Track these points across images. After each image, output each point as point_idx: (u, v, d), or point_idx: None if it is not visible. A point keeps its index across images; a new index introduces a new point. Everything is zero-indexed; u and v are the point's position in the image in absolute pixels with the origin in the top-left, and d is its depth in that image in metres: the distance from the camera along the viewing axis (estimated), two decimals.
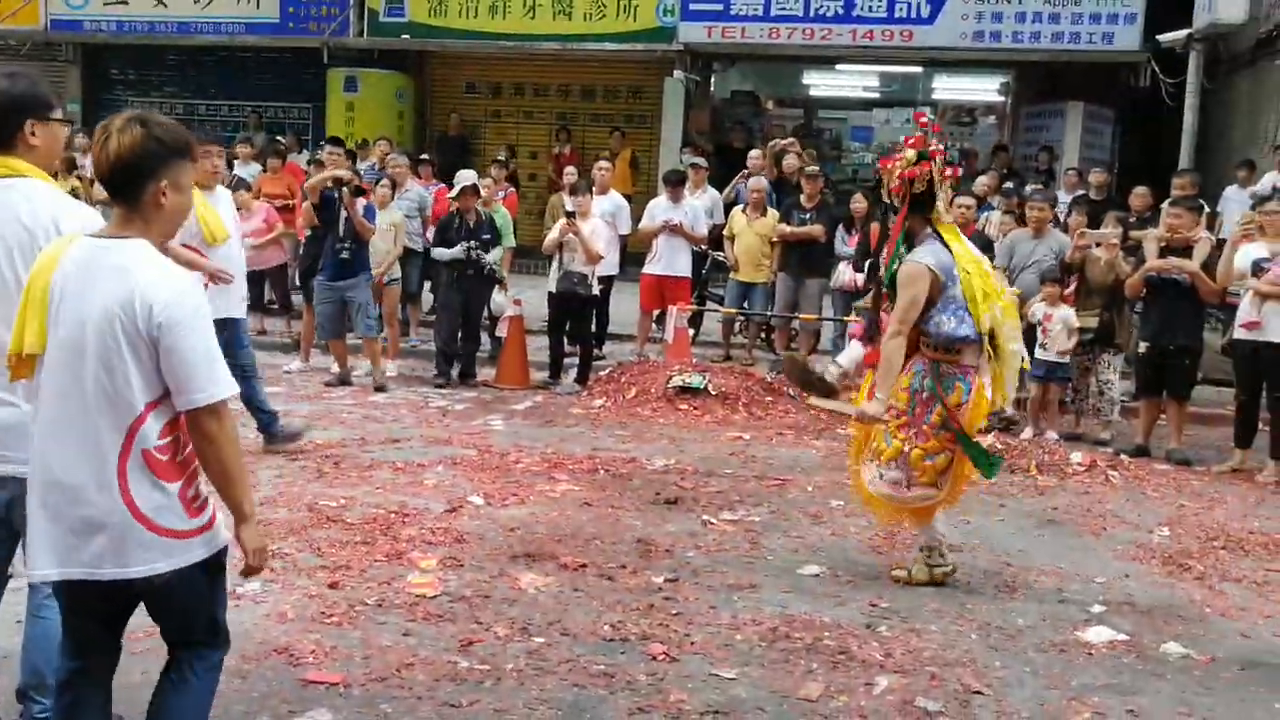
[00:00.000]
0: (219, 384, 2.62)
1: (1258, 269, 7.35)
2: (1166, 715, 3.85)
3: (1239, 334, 7.52)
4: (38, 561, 2.65)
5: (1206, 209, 9.04)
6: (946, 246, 4.83)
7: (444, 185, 12.39)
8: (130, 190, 2.64)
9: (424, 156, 12.76)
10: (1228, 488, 7.16)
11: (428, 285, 11.15)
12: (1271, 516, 6.51)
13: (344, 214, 8.86)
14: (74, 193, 11.94)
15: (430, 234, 10.95)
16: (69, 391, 2.60)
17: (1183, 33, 13.30)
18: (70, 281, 2.61)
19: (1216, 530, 6.13)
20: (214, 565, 2.76)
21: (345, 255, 8.95)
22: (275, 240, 10.56)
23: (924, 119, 5.09)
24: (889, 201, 4.95)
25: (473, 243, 9.37)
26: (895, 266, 4.91)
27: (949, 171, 4.93)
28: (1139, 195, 10.24)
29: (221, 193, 6.94)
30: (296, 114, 17.45)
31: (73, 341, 2.59)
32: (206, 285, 6.06)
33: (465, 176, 9.75)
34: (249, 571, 2.81)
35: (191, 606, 2.77)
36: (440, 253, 9.53)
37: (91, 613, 2.75)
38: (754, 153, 12.39)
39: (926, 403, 4.87)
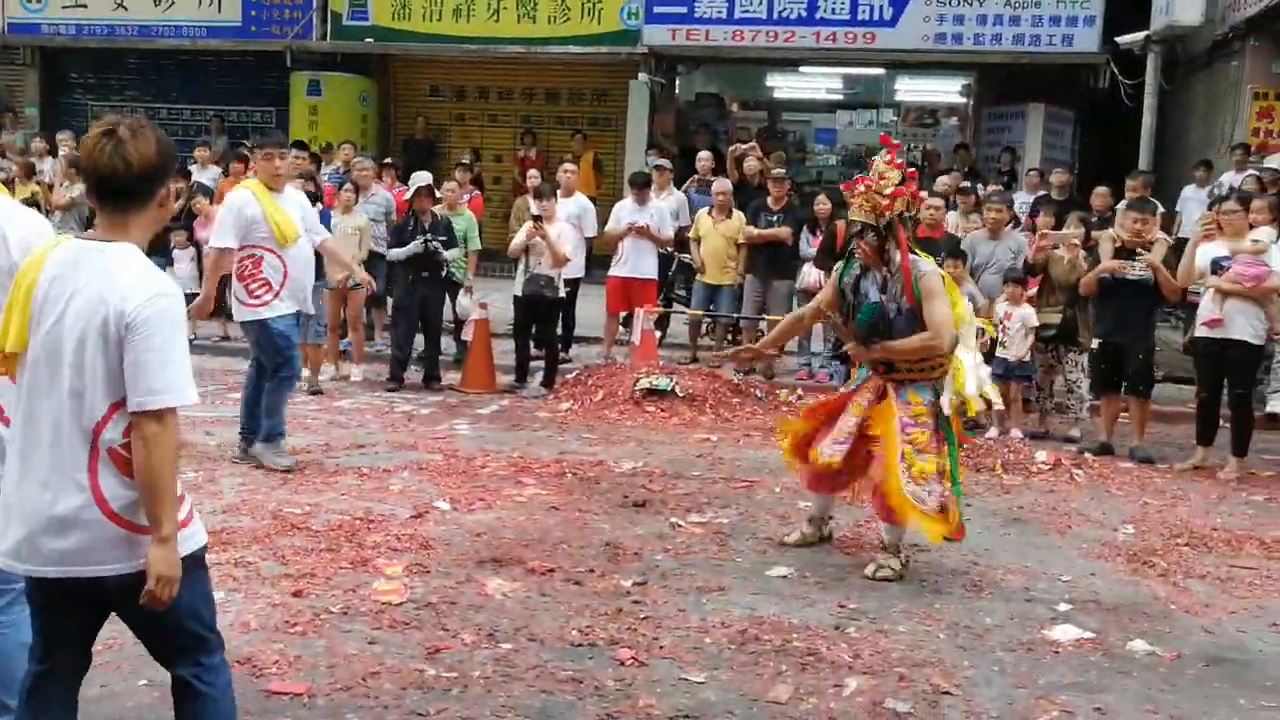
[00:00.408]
0: (173, 391, 2.57)
1: (1217, 267, 7.42)
2: (1132, 713, 3.87)
3: (1201, 331, 7.59)
4: (11, 558, 2.63)
5: (1161, 209, 9.15)
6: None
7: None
8: (139, 196, 2.65)
9: (388, 160, 12.68)
10: (1190, 485, 7.23)
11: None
12: (1233, 513, 6.58)
13: None
14: (33, 199, 11.81)
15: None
16: (44, 390, 2.60)
17: (1141, 35, 13.47)
18: (56, 284, 2.61)
19: (1180, 527, 6.18)
20: (192, 563, 2.69)
21: None
22: None
23: (894, 144, 5.20)
24: (869, 224, 5.01)
25: (429, 236, 9.28)
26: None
27: (918, 196, 5.23)
28: (1099, 195, 10.43)
29: (290, 193, 7.00)
30: (259, 118, 17.30)
31: (53, 342, 2.59)
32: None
33: (420, 177, 9.69)
34: (147, 598, 2.58)
35: (169, 608, 2.67)
36: (395, 253, 9.45)
37: (64, 613, 2.71)
38: (703, 154, 12.43)
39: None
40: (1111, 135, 15.29)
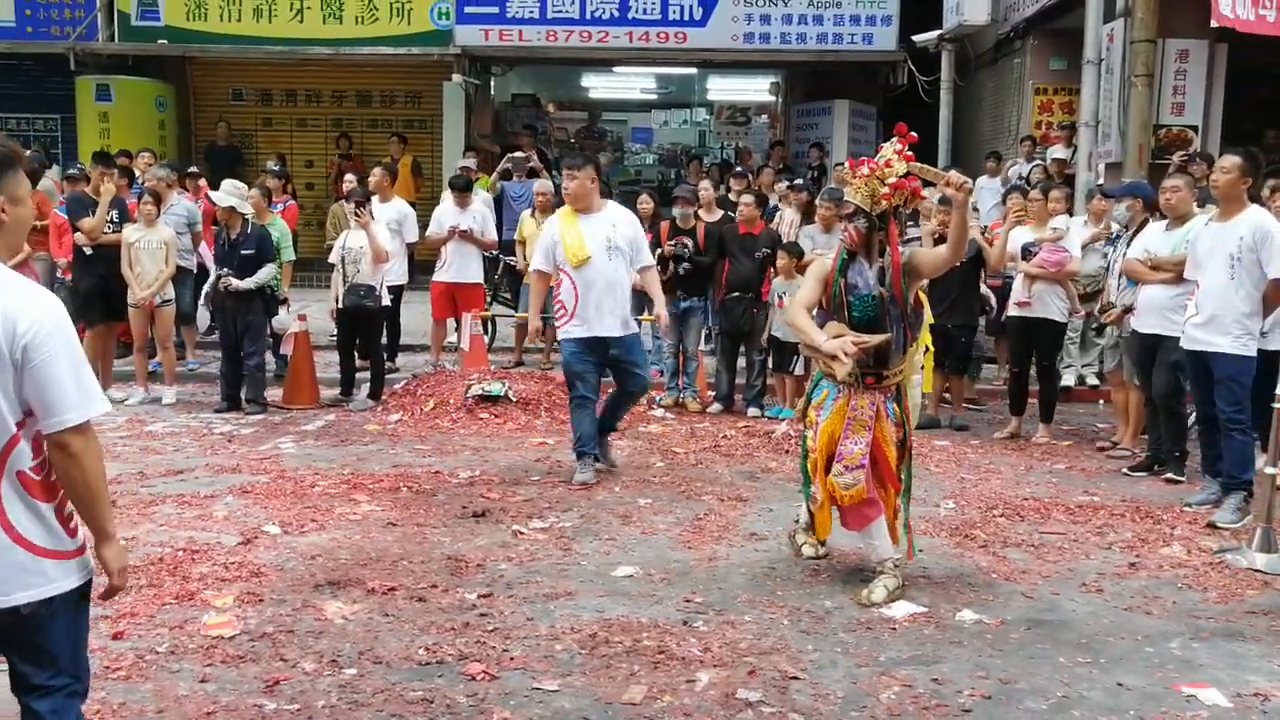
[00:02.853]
0: (91, 401, 2.55)
1: (1027, 253, 8.02)
2: (966, 680, 4.05)
3: (1012, 311, 8.25)
4: None
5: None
6: None
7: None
8: None
9: (192, 169, 12.11)
10: (1001, 458, 7.65)
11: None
12: (1040, 483, 7.00)
13: None
14: None
15: (202, 250, 10.43)
16: None
17: (934, 34, 14.19)
18: None
19: (995, 499, 6.54)
20: (84, 594, 2.69)
21: None
22: (24, 262, 9.75)
23: (910, 136, 4.90)
24: (863, 209, 4.83)
25: (224, 270, 8.87)
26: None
27: (919, 192, 4.92)
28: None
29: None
30: (43, 125, 16.24)
31: None
32: None
33: (223, 199, 9.24)
34: (111, 592, 2.76)
35: (64, 638, 2.67)
36: (208, 287, 9.12)
37: None
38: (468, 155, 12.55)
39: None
40: (911, 129, 16.00)
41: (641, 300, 9.90)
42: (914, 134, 4.91)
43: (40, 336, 2.47)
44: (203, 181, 11.76)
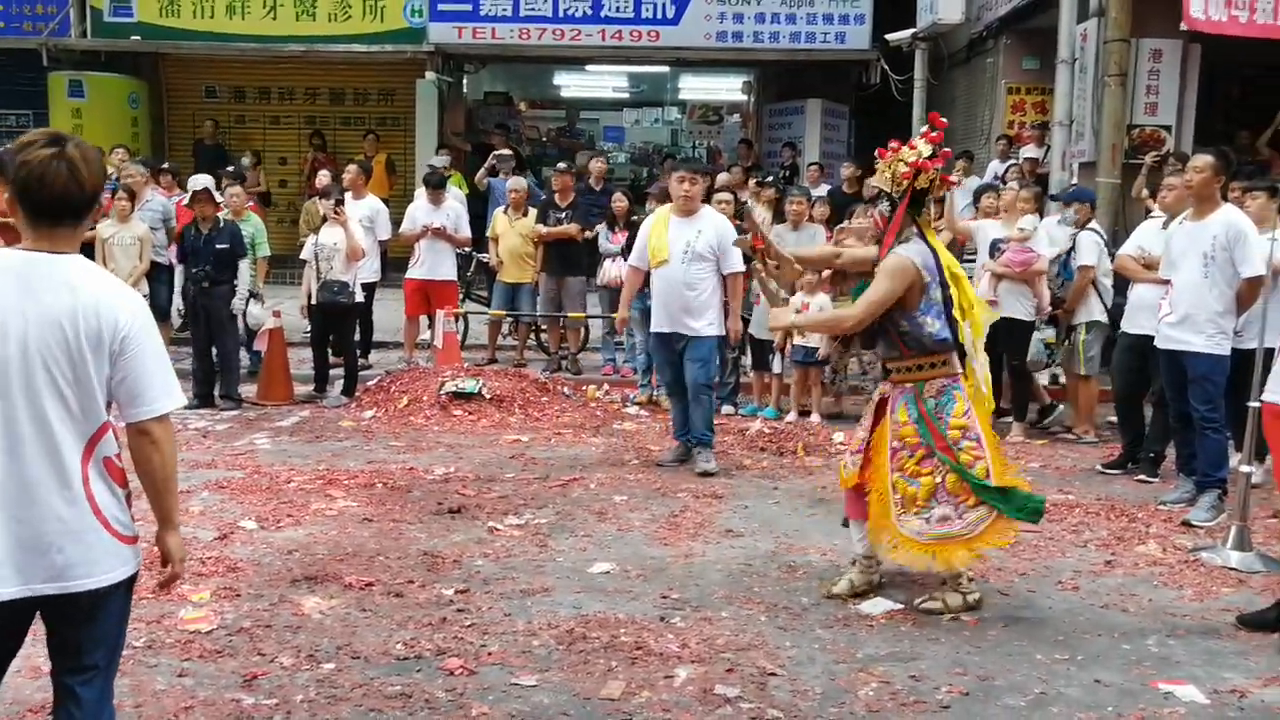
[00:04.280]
0: (174, 393, 2.69)
1: (995, 250, 8.00)
2: (944, 676, 4.07)
3: None
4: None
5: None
6: (933, 250, 4.64)
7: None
8: (85, 212, 2.64)
9: (165, 165, 12.00)
10: None
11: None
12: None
13: None
14: None
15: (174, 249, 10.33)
16: (15, 407, 2.54)
17: (907, 33, 14.24)
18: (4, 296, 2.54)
19: None
20: (133, 580, 2.76)
21: None
22: None
23: (941, 122, 4.77)
24: (886, 191, 4.66)
25: (206, 268, 8.80)
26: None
27: (946, 179, 4.76)
28: (872, 187, 11.05)
29: None
30: (15, 122, 16.00)
31: (17, 356, 2.52)
32: None
33: (197, 181, 9.18)
34: (172, 579, 2.87)
35: (120, 620, 2.76)
36: (179, 282, 9.00)
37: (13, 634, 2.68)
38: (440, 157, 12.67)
39: (933, 424, 4.57)
40: (884, 128, 16.07)
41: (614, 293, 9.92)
42: (944, 120, 4.86)
43: (136, 329, 2.60)
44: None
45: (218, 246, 8.82)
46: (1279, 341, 5.36)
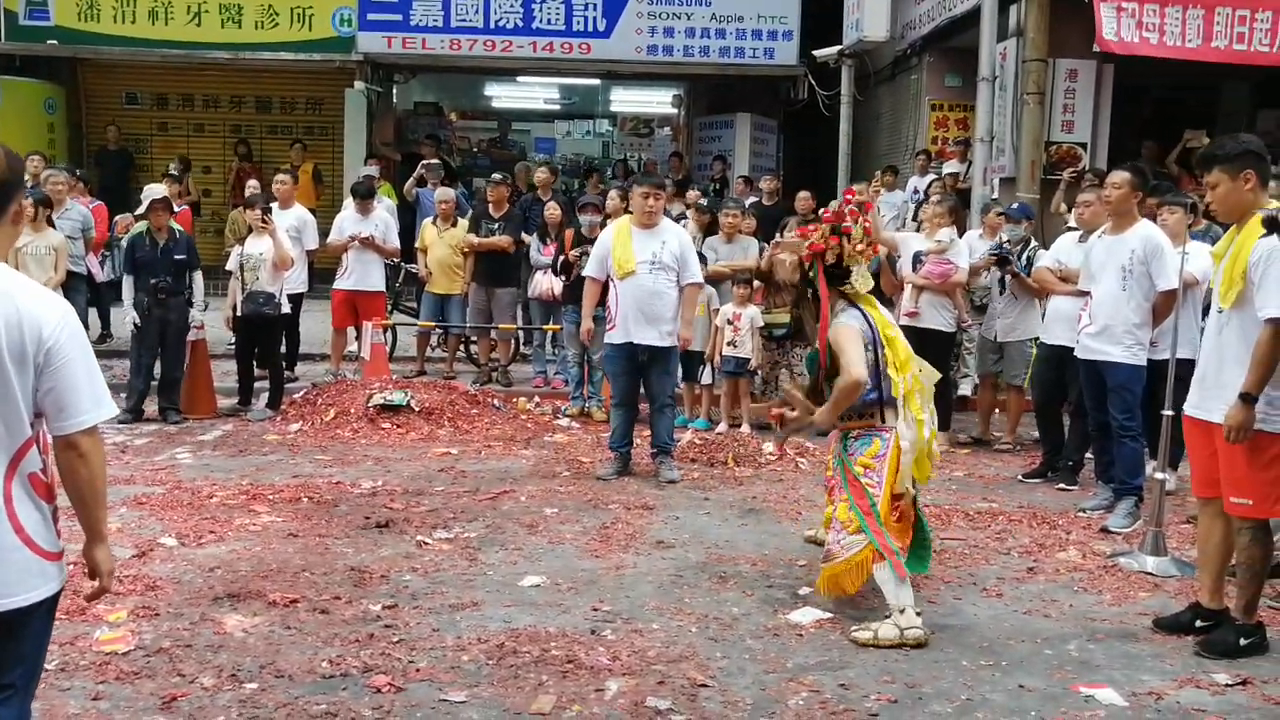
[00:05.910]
0: (103, 404, 2.61)
1: (917, 262, 8.11)
2: (873, 684, 4.11)
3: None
4: None
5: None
6: (865, 315, 4.87)
7: (102, 203, 11.49)
8: None
9: (79, 172, 11.72)
10: None
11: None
12: (939, 489, 7.11)
13: None
14: None
15: (91, 259, 10.11)
16: None
17: (834, 49, 14.47)
18: None
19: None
20: (56, 599, 2.70)
21: None
22: None
23: (851, 195, 5.20)
24: (804, 269, 5.01)
25: (166, 279, 8.60)
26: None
27: (862, 248, 4.93)
28: (802, 199, 11.46)
29: None
30: None
31: None
32: None
33: (153, 190, 8.98)
34: (99, 593, 2.82)
35: (41, 639, 2.68)
36: (129, 293, 8.74)
37: None
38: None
39: (846, 463, 4.79)
40: (811, 143, 16.32)
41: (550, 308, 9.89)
42: (867, 200, 5.22)
43: (63, 339, 2.52)
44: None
45: (175, 258, 8.68)
46: (1190, 353, 5.53)
